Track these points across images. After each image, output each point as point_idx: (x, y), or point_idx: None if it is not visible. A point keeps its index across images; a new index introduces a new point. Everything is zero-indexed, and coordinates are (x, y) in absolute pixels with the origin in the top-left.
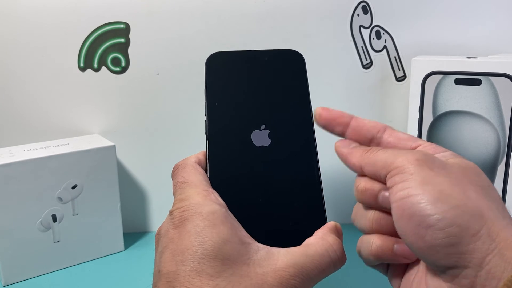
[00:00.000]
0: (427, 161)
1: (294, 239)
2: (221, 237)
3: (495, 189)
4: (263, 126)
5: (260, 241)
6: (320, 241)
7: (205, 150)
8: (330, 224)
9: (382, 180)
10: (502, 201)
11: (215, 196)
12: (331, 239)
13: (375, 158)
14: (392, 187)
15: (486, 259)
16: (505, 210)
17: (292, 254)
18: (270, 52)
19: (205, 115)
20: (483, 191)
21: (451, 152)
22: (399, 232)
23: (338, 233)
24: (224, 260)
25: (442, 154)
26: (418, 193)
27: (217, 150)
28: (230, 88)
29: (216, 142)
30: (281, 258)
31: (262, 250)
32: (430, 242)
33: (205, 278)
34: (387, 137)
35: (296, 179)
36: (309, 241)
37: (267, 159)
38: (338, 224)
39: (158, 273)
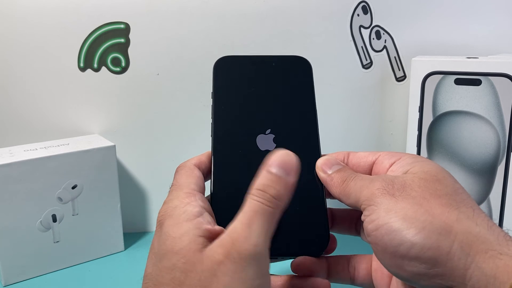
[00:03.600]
0: (388, 187)
1: (294, 244)
2: (180, 233)
3: (462, 190)
4: (268, 131)
5: None
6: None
7: (211, 152)
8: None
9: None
10: (473, 201)
11: (196, 197)
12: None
13: (349, 191)
14: (363, 221)
15: (466, 275)
16: (477, 211)
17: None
18: (278, 57)
19: (211, 118)
20: (449, 201)
21: (409, 155)
22: (383, 265)
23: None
24: (178, 253)
25: (401, 164)
26: (384, 223)
27: (223, 152)
28: (237, 92)
29: (222, 145)
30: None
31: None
32: (410, 271)
33: (165, 273)
34: (351, 160)
35: (299, 185)
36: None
37: None
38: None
39: (144, 276)
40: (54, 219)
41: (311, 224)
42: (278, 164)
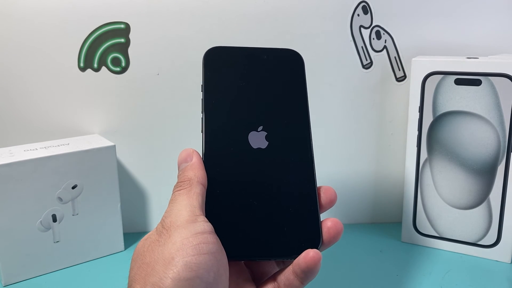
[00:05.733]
0: None
1: (285, 243)
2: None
3: None
4: (260, 128)
5: (253, 244)
6: None
7: (201, 148)
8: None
9: None
10: None
11: (202, 213)
12: None
13: None
14: None
15: None
16: None
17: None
18: (270, 50)
19: (202, 112)
20: None
21: None
22: None
23: None
24: (138, 254)
25: None
26: None
27: (214, 150)
28: (228, 85)
29: (213, 142)
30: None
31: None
32: None
33: (130, 274)
34: None
35: (291, 183)
36: None
37: (264, 162)
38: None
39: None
40: (54, 219)
41: (303, 222)
42: None
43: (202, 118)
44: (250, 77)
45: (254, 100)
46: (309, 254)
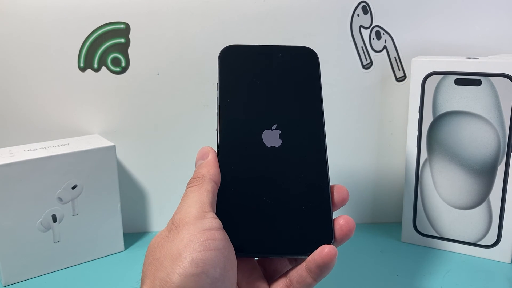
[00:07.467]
0: None
1: (298, 241)
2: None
3: None
4: (274, 126)
5: (266, 241)
6: None
7: (216, 146)
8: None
9: None
10: None
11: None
12: None
13: None
14: None
15: None
16: None
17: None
18: (285, 48)
19: (217, 111)
20: None
21: None
22: None
23: None
24: (150, 250)
25: None
26: None
27: (228, 148)
28: (243, 84)
29: (227, 140)
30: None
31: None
32: None
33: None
34: None
35: (305, 182)
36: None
37: (277, 160)
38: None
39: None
40: (54, 219)
41: (315, 221)
42: None
43: (217, 117)
44: (264, 75)
45: (268, 98)
46: (325, 249)
